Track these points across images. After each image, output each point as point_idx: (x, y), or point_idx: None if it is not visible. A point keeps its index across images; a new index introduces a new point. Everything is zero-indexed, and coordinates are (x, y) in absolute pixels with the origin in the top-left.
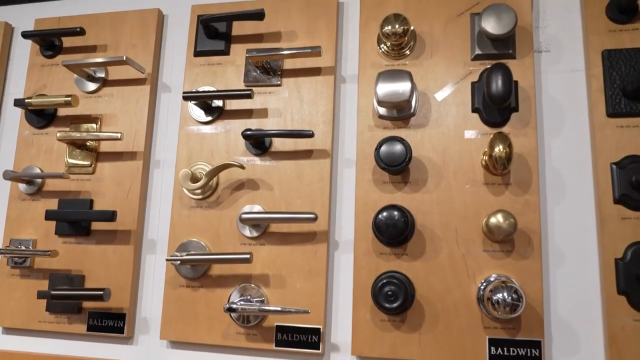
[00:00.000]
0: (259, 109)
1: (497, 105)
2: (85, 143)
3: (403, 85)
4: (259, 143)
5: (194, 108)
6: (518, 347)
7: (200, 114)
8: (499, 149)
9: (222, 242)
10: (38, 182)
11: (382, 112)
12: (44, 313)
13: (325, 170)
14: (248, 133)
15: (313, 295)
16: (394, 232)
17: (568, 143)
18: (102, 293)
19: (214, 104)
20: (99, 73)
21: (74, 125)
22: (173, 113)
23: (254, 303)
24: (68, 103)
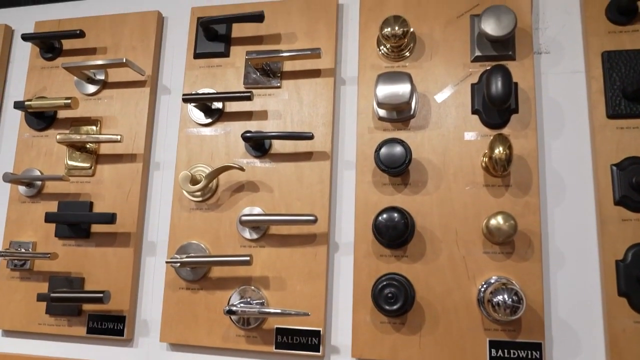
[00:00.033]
0: (259, 111)
1: (497, 107)
2: (85, 145)
3: (403, 87)
4: (259, 145)
5: (194, 110)
6: (518, 349)
7: (200, 116)
8: (499, 151)
9: (222, 244)
10: (38, 184)
11: (381, 114)
12: (44, 315)
13: (325, 172)
14: (248, 135)
15: (313, 298)
16: (394, 234)
17: (568, 144)
18: (101, 295)
19: (214, 106)
20: (99, 75)
21: (74, 128)
22: (173, 115)
23: (254, 305)
24: (68, 105)
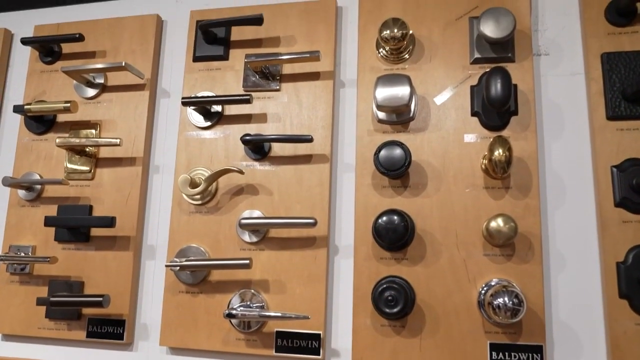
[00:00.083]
0: (258, 114)
1: (496, 109)
2: (85, 149)
3: (402, 90)
4: (258, 148)
5: (193, 113)
6: (519, 351)
7: (200, 119)
8: (499, 153)
9: (221, 247)
10: (37, 188)
11: (381, 116)
12: (44, 320)
13: (325, 175)
14: (247, 138)
15: (313, 301)
16: (394, 236)
17: (568, 146)
18: (101, 299)
19: (213, 109)
20: (98, 79)
21: (73, 131)
22: (172, 118)
23: (254, 309)
24: (67, 109)
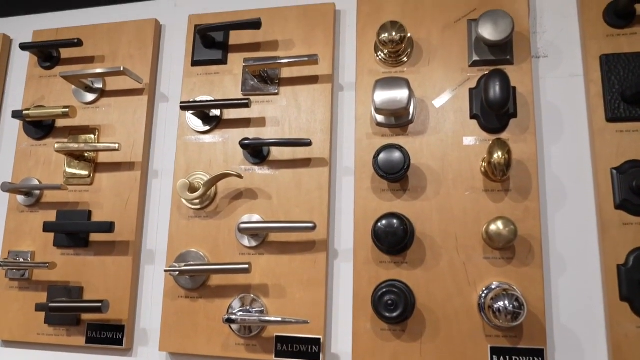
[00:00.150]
0: (257, 118)
1: (495, 112)
2: (84, 154)
3: (401, 93)
4: (257, 152)
5: (192, 118)
6: (520, 355)
7: (198, 124)
8: (498, 155)
9: (220, 252)
10: (36, 193)
11: (380, 119)
12: (43, 325)
13: (324, 179)
14: (246, 142)
15: (313, 305)
16: (394, 240)
17: (568, 149)
18: (100, 305)
19: (212, 114)
20: (97, 84)
21: (72, 137)
22: (171, 123)
23: (254, 313)
24: (66, 114)
